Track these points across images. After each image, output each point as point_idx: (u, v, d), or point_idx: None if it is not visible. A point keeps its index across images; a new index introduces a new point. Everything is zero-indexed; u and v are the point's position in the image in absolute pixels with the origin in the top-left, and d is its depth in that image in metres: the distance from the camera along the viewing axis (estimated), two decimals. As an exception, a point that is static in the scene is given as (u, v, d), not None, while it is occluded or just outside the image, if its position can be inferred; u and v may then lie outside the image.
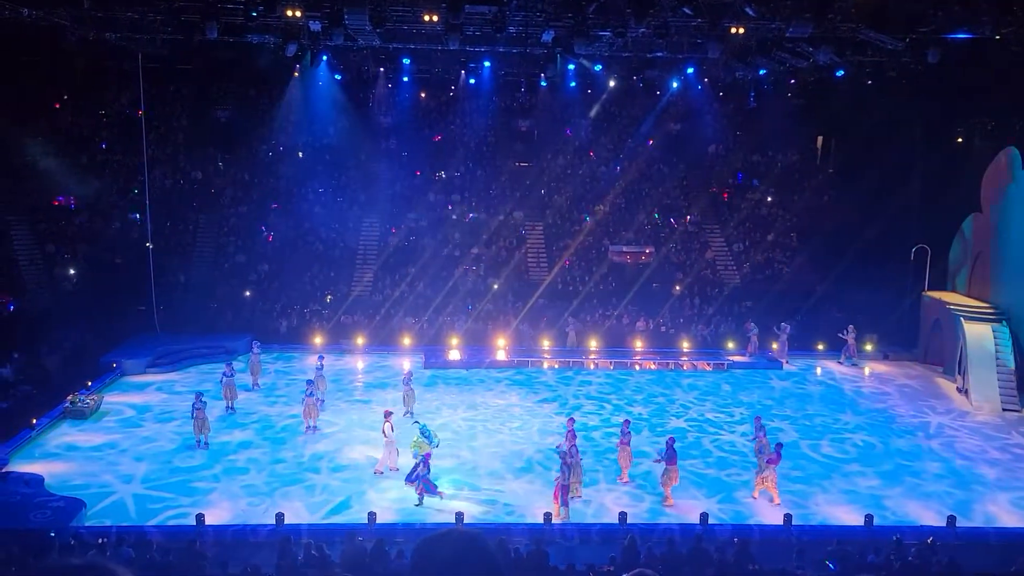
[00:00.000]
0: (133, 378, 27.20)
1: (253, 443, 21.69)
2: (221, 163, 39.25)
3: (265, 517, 17.19)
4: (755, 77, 36.42)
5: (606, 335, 32.40)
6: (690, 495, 19.08)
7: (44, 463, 20.13)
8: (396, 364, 30.20)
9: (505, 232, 38.17)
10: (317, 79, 38.49)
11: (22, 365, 25.98)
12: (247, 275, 35.22)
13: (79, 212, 35.95)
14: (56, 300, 31.72)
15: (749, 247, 38.24)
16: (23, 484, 18.16)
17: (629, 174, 40.65)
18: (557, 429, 23.14)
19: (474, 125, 42.60)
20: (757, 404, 26.24)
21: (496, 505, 18.34)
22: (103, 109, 39.47)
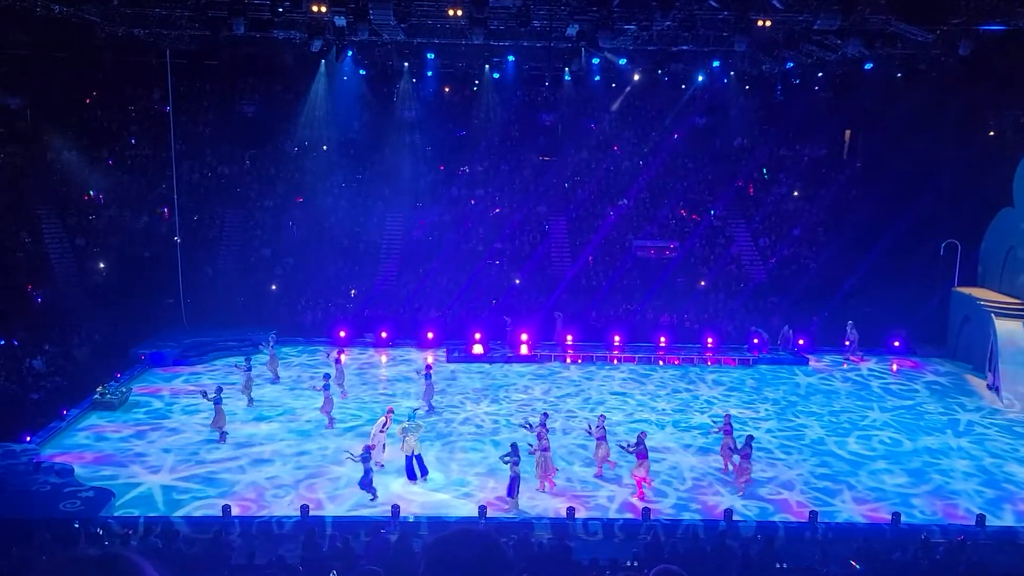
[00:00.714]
0: (161, 370, 27.48)
1: (278, 435, 21.84)
2: (248, 160, 39.49)
3: (290, 509, 17.31)
4: (782, 70, 35.99)
5: (630, 330, 32.25)
6: (714, 491, 18.97)
7: (74, 453, 20.41)
8: (419, 357, 30.28)
9: (528, 226, 38.12)
10: (342, 74, 38.62)
11: (53, 357, 26.34)
12: (272, 269, 35.47)
13: (108, 206, 36.37)
14: (86, 293, 32.11)
15: (775, 241, 37.90)
16: (54, 474, 18.43)
17: (653, 168, 40.41)
18: (580, 424, 23.14)
19: (498, 120, 42.52)
20: (782, 400, 26.08)
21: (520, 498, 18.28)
22: (131, 105, 39.88)
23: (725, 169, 40.89)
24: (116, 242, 34.90)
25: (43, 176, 35.20)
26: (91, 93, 39.55)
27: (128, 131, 39.34)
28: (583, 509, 17.74)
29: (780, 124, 41.36)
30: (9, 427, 21.05)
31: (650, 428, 23.04)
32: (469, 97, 42.78)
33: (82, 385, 24.45)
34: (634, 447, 18.50)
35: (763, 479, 19.74)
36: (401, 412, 22.41)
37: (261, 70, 39.12)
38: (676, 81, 39.34)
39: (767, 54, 30.45)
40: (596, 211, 39.10)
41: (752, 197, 40.24)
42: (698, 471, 20.13)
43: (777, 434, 22.96)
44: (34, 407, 23.11)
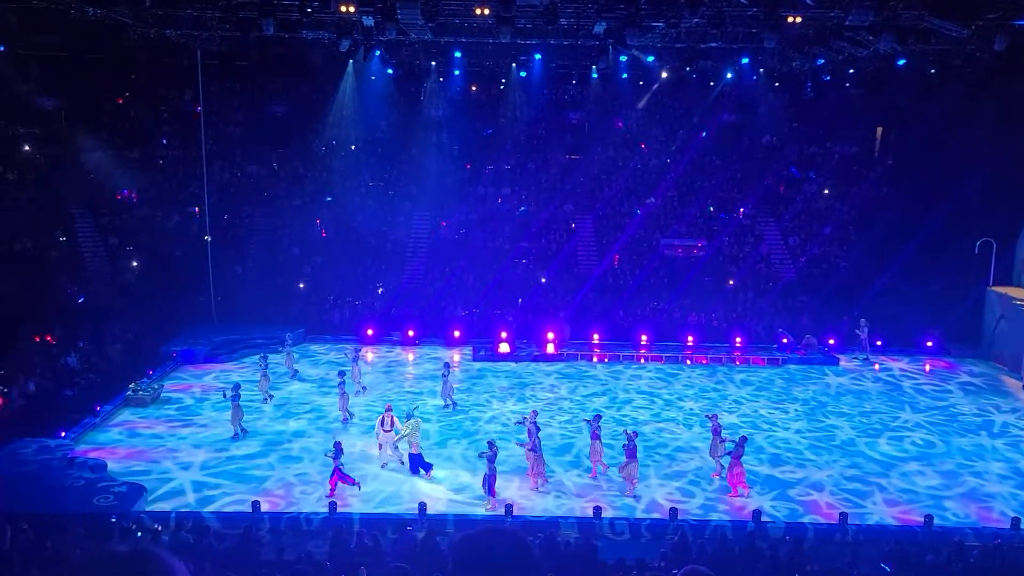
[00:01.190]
0: (192, 367, 27.80)
1: (307, 432, 22.03)
2: (276, 163, 39.78)
3: (318, 506, 17.44)
4: (812, 67, 35.63)
5: (657, 329, 32.09)
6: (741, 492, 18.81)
7: (107, 449, 20.72)
8: (446, 356, 30.37)
9: (555, 225, 38.08)
10: (369, 74, 38.79)
11: (87, 354, 26.75)
12: (301, 267, 35.75)
13: (140, 206, 36.86)
14: (118, 291, 32.58)
15: (805, 240, 37.53)
16: (88, 469, 18.71)
17: (681, 166, 40.18)
18: (606, 423, 23.06)
19: (524, 118, 42.46)
20: (812, 400, 25.84)
21: (546, 498, 18.31)
22: (163, 105, 40.39)
23: (754, 167, 40.54)
24: (148, 241, 35.34)
25: (77, 176, 35.73)
26: (124, 94, 40.07)
27: (160, 131, 39.82)
28: (610, 509, 17.69)
29: (810, 121, 40.92)
30: (44, 423, 21.43)
31: (677, 428, 22.99)
32: (496, 96, 42.79)
33: (115, 382, 24.84)
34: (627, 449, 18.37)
35: (792, 480, 19.57)
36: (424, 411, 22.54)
37: (290, 70, 39.37)
38: (704, 78, 39.02)
39: (797, 51, 30.13)
40: (623, 209, 38.95)
41: (782, 195, 39.86)
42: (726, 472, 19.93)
43: (807, 435, 22.75)
44: (68, 403, 23.50)
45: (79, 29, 28.93)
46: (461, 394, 25.72)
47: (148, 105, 40.13)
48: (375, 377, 27.67)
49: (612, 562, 14.14)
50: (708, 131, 41.69)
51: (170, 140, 39.49)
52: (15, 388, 22.77)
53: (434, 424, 22.77)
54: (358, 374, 25.54)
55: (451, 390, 24.35)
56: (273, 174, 39.61)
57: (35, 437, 20.47)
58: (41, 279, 31.00)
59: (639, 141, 41.88)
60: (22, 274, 30.37)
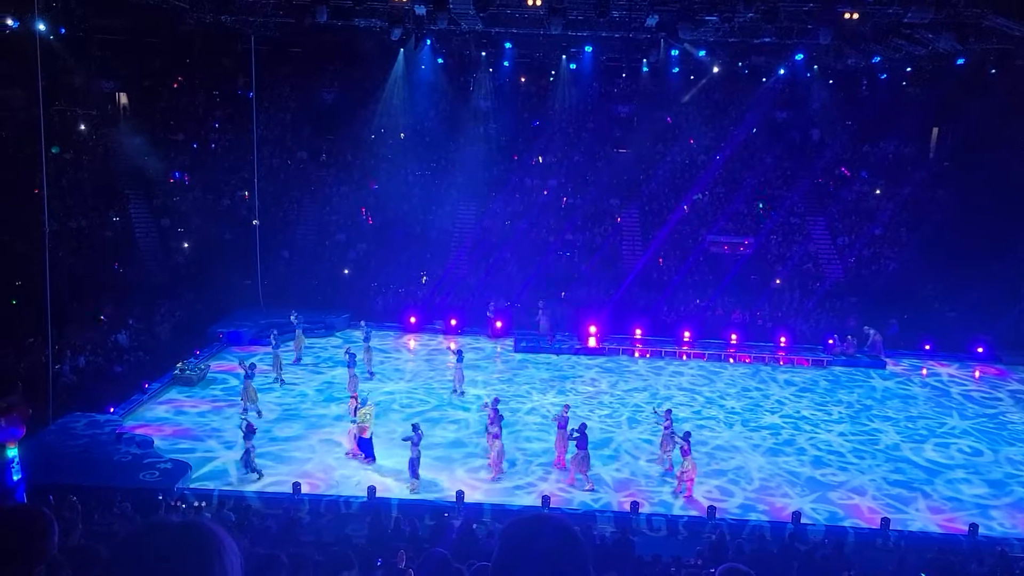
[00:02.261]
0: (238, 348, 28.26)
1: (347, 416, 22.23)
2: (325, 150, 40.15)
3: (357, 490, 17.63)
4: (868, 64, 34.93)
5: (700, 325, 31.83)
6: (782, 493, 18.63)
7: (154, 426, 21.18)
8: (488, 346, 30.49)
9: (599, 218, 37.92)
10: (419, 63, 38.97)
11: (136, 332, 27.35)
12: (346, 253, 36.10)
13: (192, 188, 37.52)
14: (169, 272, 33.24)
15: (854, 240, 36.91)
16: (135, 445, 19.14)
17: (729, 162, 39.73)
18: (647, 419, 23.00)
19: (573, 110, 42.36)
20: (856, 403, 25.45)
21: (583, 491, 18.29)
22: (216, 90, 41.01)
23: (804, 164, 39.95)
24: (198, 224, 35.97)
25: (131, 158, 36.49)
26: (178, 78, 40.80)
27: (213, 116, 40.46)
28: (647, 504, 17.62)
29: (864, 119, 40.16)
30: (94, 398, 21.98)
31: (717, 427, 22.81)
32: (545, 87, 42.68)
33: (163, 360, 25.35)
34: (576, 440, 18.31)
35: (834, 483, 19.31)
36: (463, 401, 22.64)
37: (341, 58, 39.74)
38: (756, 74, 38.49)
39: (853, 47, 29.55)
40: (668, 204, 38.64)
41: (831, 194, 39.23)
42: (766, 472, 19.79)
43: (850, 438, 22.42)
44: (118, 380, 24.07)
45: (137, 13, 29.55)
46: (502, 384, 25.82)
47: (202, 90, 40.83)
48: (417, 365, 27.89)
49: (648, 558, 14.09)
50: (758, 127, 41.14)
51: (222, 125, 40.10)
52: (66, 363, 23.36)
53: (473, 414, 22.87)
54: (370, 359, 25.63)
55: (461, 378, 24.25)
56: (322, 160, 40.02)
57: (85, 412, 20.99)
58: (94, 258, 31.79)
59: (687, 136, 41.49)
60: (76, 252, 31.21)
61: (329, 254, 36.03)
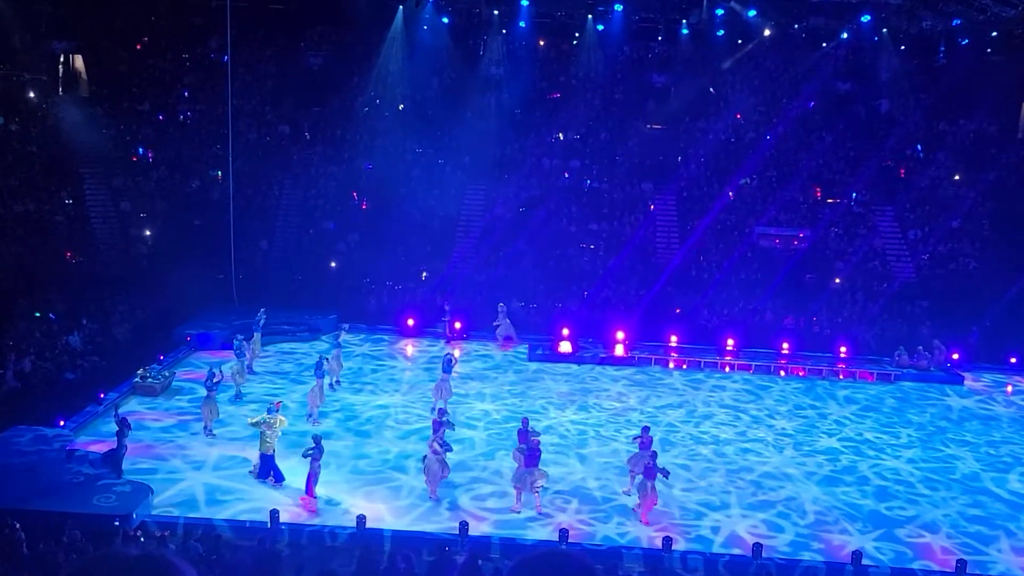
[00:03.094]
0: (208, 354, 28.35)
1: (335, 434, 22.27)
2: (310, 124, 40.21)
3: (345, 519, 17.66)
4: (946, 28, 34.76)
5: (746, 332, 31.73)
6: (840, 529, 18.55)
7: (110, 442, 21.21)
8: (498, 353, 30.49)
9: (630, 205, 37.85)
10: (422, 23, 39.03)
11: (91, 333, 27.45)
12: (335, 244, 36.16)
13: (157, 167, 37.64)
14: (129, 263, 33.37)
15: (928, 234, 36.72)
16: (88, 464, 19.18)
17: (783, 141, 39.59)
18: (683, 440, 22.94)
19: (600, 80, 42.31)
20: (929, 425, 25.31)
21: (607, 524, 18.28)
22: (186, 53, 41.16)
23: (870, 145, 39.76)
24: (163, 208, 36.14)
25: (88, 131, 36.66)
26: (142, 39, 40.98)
27: (181, 83, 40.64)
28: (682, 540, 17.57)
29: (941, 93, 39.95)
30: (42, 409, 22.06)
31: (766, 451, 22.73)
32: (567, 52, 42.64)
33: (121, 366, 25.41)
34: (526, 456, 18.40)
35: (901, 518, 19.21)
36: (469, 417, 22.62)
37: (330, 17, 39.83)
38: (815, 38, 38.42)
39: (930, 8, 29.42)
40: (711, 190, 38.56)
41: (902, 180, 39.06)
42: (822, 504, 19.70)
43: (921, 465, 22.29)
44: (69, 388, 24.13)
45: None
46: (514, 398, 25.81)
47: (169, 53, 41.00)
48: (414, 374, 27.90)
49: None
50: (816, 101, 41.02)
51: (192, 93, 40.25)
52: (10, 368, 23.48)
53: (481, 432, 22.87)
54: (338, 365, 25.59)
55: (448, 390, 23.82)
56: (307, 136, 40.11)
57: (31, 425, 21.06)
58: (43, 246, 31.97)
59: (734, 110, 41.37)
60: (22, 240, 31.38)
61: (314, 245, 36.12)
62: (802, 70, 41.05)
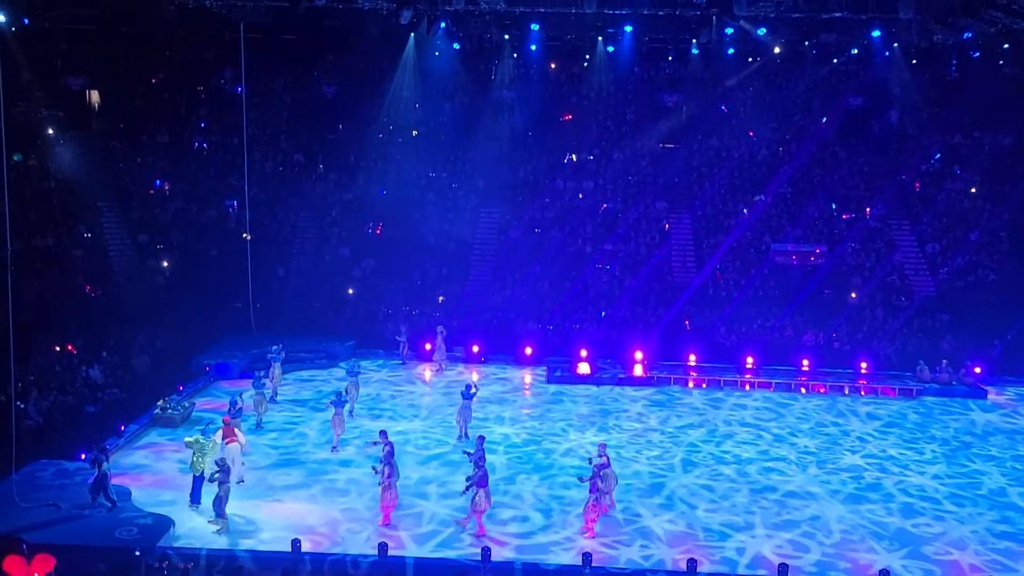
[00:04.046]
0: (227, 383, 28.41)
1: (354, 462, 22.25)
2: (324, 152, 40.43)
3: (367, 547, 17.61)
4: (958, 41, 34.69)
5: (765, 350, 31.60)
6: (867, 548, 18.36)
7: (131, 475, 21.28)
8: (516, 376, 30.44)
9: (645, 225, 37.84)
10: (433, 49, 39.23)
11: (111, 366, 27.55)
12: (351, 271, 36.27)
13: (173, 199, 37.91)
14: (147, 294, 33.55)
15: (947, 248, 36.56)
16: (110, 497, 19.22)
17: (797, 158, 39.56)
18: (704, 460, 22.81)
19: (611, 100, 42.45)
20: (953, 440, 25.11)
21: (631, 547, 18.15)
22: (201, 85, 41.53)
23: (885, 160, 39.74)
24: (180, 239, 36.37)
25: (105, 165, 36.99)
26: (157, 73, 41.36)
27: (197, 115, 40.98)
28: (706, 562, 17.44)
29: (955, 106, 39.94)
30: (63, 443, 22.13)
31: (789, 469, 22.57)
32: (578, 74, 42.80)
33: (141, 398, 25.48)
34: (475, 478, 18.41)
35: (928, 535, 19.01)
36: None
37: (343, 46, 40.13)
38: (826, 55, 38.42)
39: (940, 22, 29.37)
40: (727, 208, 38.55)
41: (919, 194, 38.97)
42: (847, 522, 19.53)
43: (946, 481, 22.09)
44: (90, 421, 24.22)
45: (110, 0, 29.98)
46: (533, 421, 25.75)
47: (184, 86, 41.35)
48: (433, 399, 27.88)
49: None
50: (830, 117, 41.06)
51: (208, 125, 40.57)
52: (31, 403, 23.58)
53: (500, 456, 22.79)
54: (355, 391, 25.80)
55: (469, 415, 24.07)
56: (321, 164, 40.32)
57: (52, 459, 21.13)
58: (63, 280, 32.15)
59: (747, 128, 41.38)
60: (42, 274, 31.58)
61: (331, 271, 36.21)
62: (814, 87, 41.07)
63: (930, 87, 40.62)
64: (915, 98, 40.69)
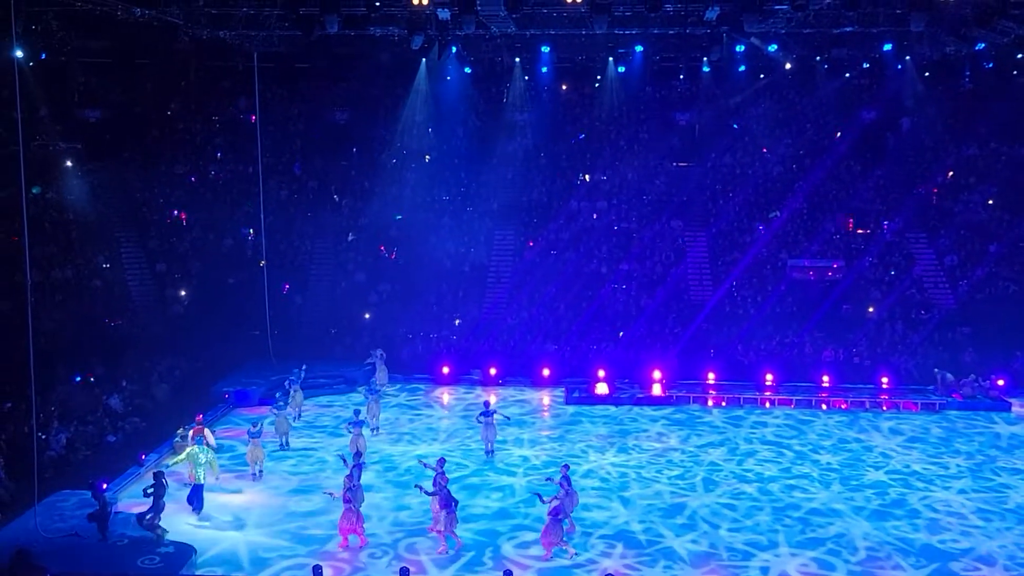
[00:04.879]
0: (246, 410, 28.50)
1: (374, 487, 22.24)
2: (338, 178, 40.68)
3: (388, 572, 17.56)
4: (971, 52, 34.63)
5: (785, 366, 31.44)
6: (893, 565, 18.18)
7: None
8: (534, 397, 30.40)
9: (661, 244, 37.82)
10: (445, 74, 39.53)
11: (131, 395, 27.71)
12: (367, 296, 36.38)
13: (191, 228, 38.23)
14: (166, 323, 33.77)
15: (966, 260, 36.35)
16: (132, 526, 19.28)
17: (812, 174, 39.50)
18: (726, 479, 22.69)
19: (623, 120, 42.56)
20: (978, 454, 24.88)
21: (654, 568, 18.04)
22: (216, 115, 41.95)
23: (901, 173, 39.66)
24: (198, 268, 36.63)
25: (122, 195, 37.35)
26: (172, 103, 41.85)
27: (212, 144, 41.37)
28: (731, 582, 17.32)
29: (969, 118, 39.80)
30: (84, 473, 22.21)
31: (811, 486, 22.41)
32: (590, 95, 42.99)
33: (161, 427, 25.58)
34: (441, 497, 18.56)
35: (956, 551, 18.80)
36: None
37: (355, 73, 40.50)
38: (838, 69, 38.45)
39: (952, 34, 29.33)
40: (742, 225, 38.50)
41: (936, 207, 38.84)
42: (873, 539, 19.35)
43: (972, 496, 21.87)
44: (111, 451, 24.36)
45: (124, 33, 30.38)
46: (553, 443, 25.70)
47: (199, 115, 41.79)
48: (452, 422, 27.88)
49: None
50: (844, 131, 41.00)
51: (224, 153, 40.93)
52: (52, 433, 23.72)
53: (520, 479, 22.75)
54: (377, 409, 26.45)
55: (492, 433, 24.43)
56: (335, 190, 40.56)
57: (74, 489, 21.22)
58: (82, 311, 32.41)
59: (760, 145, 41.39)
60: (62, 305, 31.87)
61: (347, 297, 36.35)
62: (827, 102, 41.07)
63: (944, 99, 40.54)
64: (929, 110, 40.62)
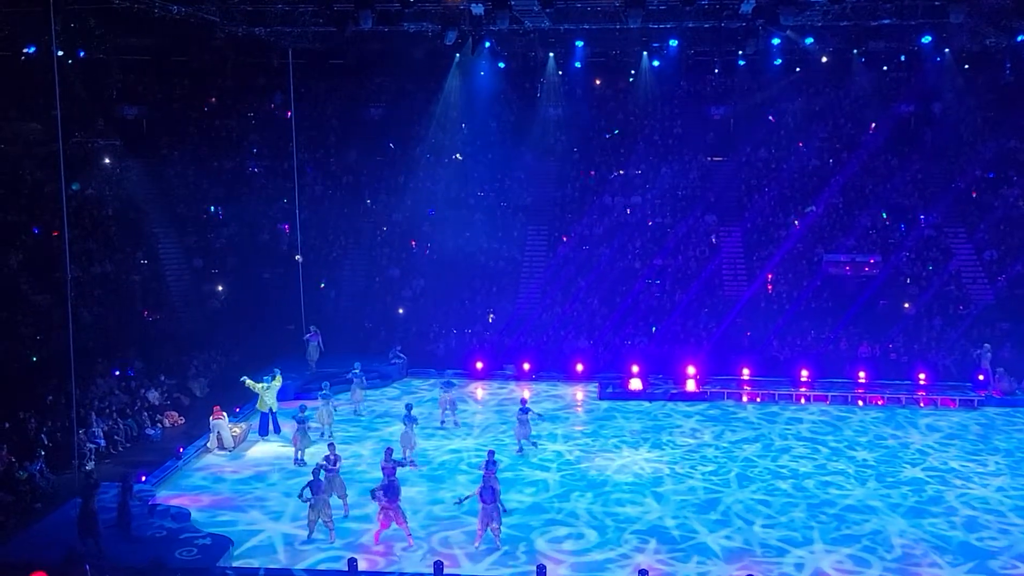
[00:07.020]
0: (282, 404, 28.75)
1: (409, 480, 22.37)
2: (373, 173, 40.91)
3: (422, 565, 17.69)
4: (1012, 44, 34.14)
5: (820, 362, 31.23)
6: (930, 563, 18.02)
7: (190, 495, 21.65)
8: (568, 393, 30.42)
9: (695, 239, 37.68)
10: (478, 69, 39.64)
11: (169, 389, 28.12)
12: (401, 291, 36.59)
13: (227, 223, 38.65)
14: (204, 318, 34.18)
15: (1005, 255, 35.86)
16: (169, 518, 19.59)
17: (848, 168, 39.16)
18: (760, 475, 22.58)
19: (658, 115, 42.43)
20: (1017, 451, 24.56)
21: (688, 563, 18.02)
22: (252, 111, 42.35)
23: (940, 167, 39.19)
24: (234, 263, 37.03)
25: (160, 191, 37.83)
26: (209, 100, 42.30)
27: (248, 140, 41.76)
28: (765, 579, 17.27)
29: (1010, 111, 39.21)
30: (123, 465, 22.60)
31: (847, 483, 22.26)
32: (624, 90, 42.88)
33: (199, 420, 25.96)
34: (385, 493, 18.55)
35: (994, 549, 18.59)
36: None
37: (389, 68, 40.70)
38: (876, 62, 38.08)
39: (992, 25, 28.94)
40: (777, 220, 38.24)
41: (975, 201, 38.32)
42: (909, 537, 19.18)
43: (1011, 493, 21.59)
44: (150, 444, 24.76)
45: (161, 30, 30.75)
46: (586, 438, 25.72)
47: (235, 111, 42.21)
48: (486, 417, 27.98)
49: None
50: (881, 125, 40.60)
51: (259, 149, 41.31)
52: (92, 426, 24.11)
53: (554, 474, 22.80)
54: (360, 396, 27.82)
55: (526, 430, 24.40)
56: (370, 185, 40.81)
57: (114, 481, 21.56)
58: (121, 306, 32.91)
59: (796, 139, 41.10)
60: (101, 301, 32.36)
61: (382, 292, 36.58)
62: (863, 95, 40.68)
63: (984, 92, 39.99)
64: (968, 104, 40.10)
